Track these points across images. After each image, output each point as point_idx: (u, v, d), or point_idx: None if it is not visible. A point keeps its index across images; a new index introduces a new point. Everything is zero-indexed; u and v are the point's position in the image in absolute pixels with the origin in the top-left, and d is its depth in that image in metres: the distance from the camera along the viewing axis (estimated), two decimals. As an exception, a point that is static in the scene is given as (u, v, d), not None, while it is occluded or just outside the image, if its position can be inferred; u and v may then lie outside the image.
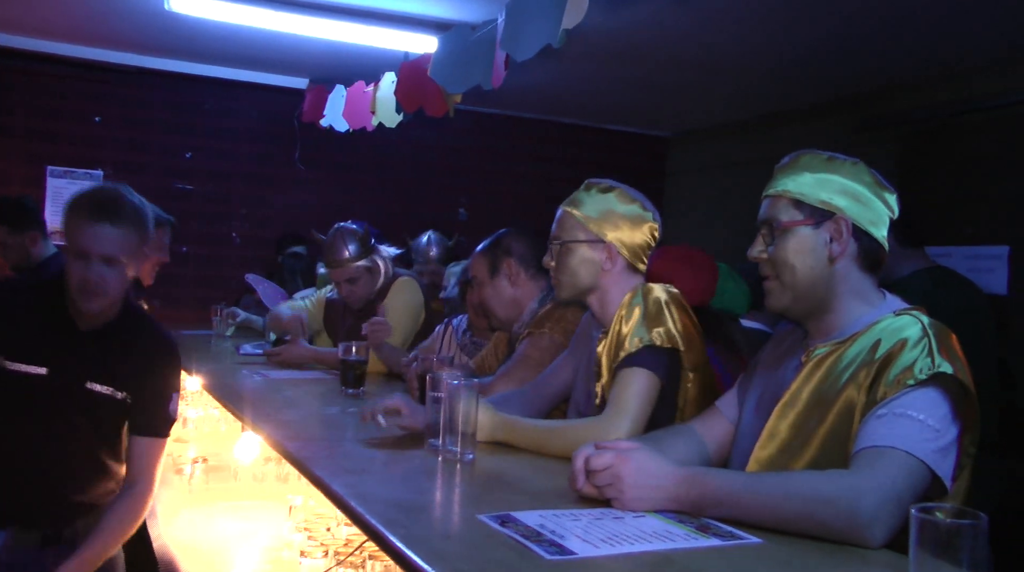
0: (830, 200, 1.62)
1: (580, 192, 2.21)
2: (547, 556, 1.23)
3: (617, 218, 2.14)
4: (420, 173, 6.63)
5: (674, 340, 2.01)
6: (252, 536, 2.74)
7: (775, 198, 1.67)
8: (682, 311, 2.08)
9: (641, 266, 2.17)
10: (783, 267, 1.63)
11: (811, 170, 1.64)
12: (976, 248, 4.81)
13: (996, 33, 4.33)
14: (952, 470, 1.45)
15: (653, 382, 1.98)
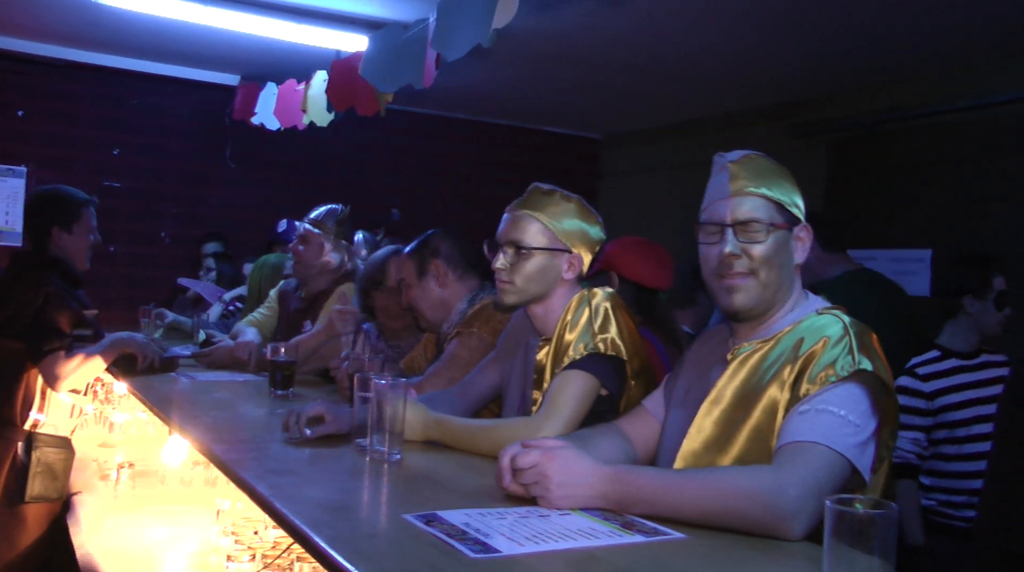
0: (798, 205, 1.66)
1: (537, 196, 2.13)
2: (472, 555, 1.23)
3: (584, 231, 2.12)
4: (354, 173, 6.58)
5: (618, 349, 2.01)
6: (179, 542, 2.69)
7: (751, 197, 1.63)
8: (626, 316, 2.09)
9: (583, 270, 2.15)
10: (765, 266, 1.61)
11: (774, 174, 1.66)
12: (900, 251, 4.95)
13: (923, 46, 4.48)
14: (871, 463, 1.48)
15: (592, 386, 1.98)
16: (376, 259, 3.12)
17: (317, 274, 3.54)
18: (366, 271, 3.12)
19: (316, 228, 3.52)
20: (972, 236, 4.63)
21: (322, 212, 3.58)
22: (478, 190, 6.78)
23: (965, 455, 2.99)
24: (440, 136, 6.90)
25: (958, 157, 4.80)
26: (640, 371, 2.06)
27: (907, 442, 3.01)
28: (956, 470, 3.01)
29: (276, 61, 5.13)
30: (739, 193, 1.63)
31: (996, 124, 4.62)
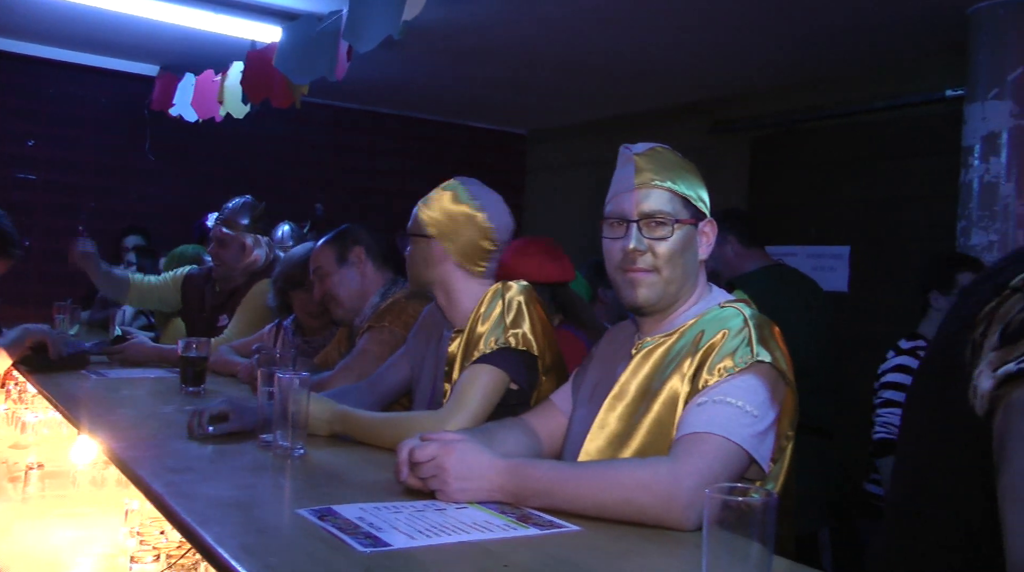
0: (703, 200, 1.67)
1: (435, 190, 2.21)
2: (360, 548, 1.21)
3: (448, 217, 2.12)
4: (277, 167, 6.48)
5: (530, 343, 2.01)
6: (88, 544, 2.61)
7: (656, 190, 1.62)
8: (540, 310, 2.09)
9: (478, 267, 2.13)
10: (669, 262, 1.61)
11: (681, 168, 1.66)
12: (819, 248, 5.06)
13: (841, 48, 4.58)
14: (770, 453, 1.50)
15: (500, 380, 1.97)
16: (295, 257, 3.07)
17: (240, 273, 3.48)
18: (284, 269, 3.08)
19: (231, 229, 3.45)
20: (889, 233, 4.76)
21: (235, 209, 3.50)
22: (403, 185, 6.75)
23: None
24: (365, 131, 6.84)
25: (875, 156, 4.92)
26: (552, 366, 2.06)
27: (898, 418, 3.08)
28: None
29: (195, 51, 5.02)
30: (644, 186, 1.62)
31: (911, 124, 4.75)
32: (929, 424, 1.10)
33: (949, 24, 4.05)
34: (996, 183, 3.88)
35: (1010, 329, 0.97)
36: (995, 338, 0.98)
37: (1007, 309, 0.99)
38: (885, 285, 4.70)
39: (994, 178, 3.89)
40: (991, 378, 0.96)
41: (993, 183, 3.89)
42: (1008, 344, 0.96)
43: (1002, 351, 0.96)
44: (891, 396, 3.14)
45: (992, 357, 0.97)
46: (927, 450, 1.09)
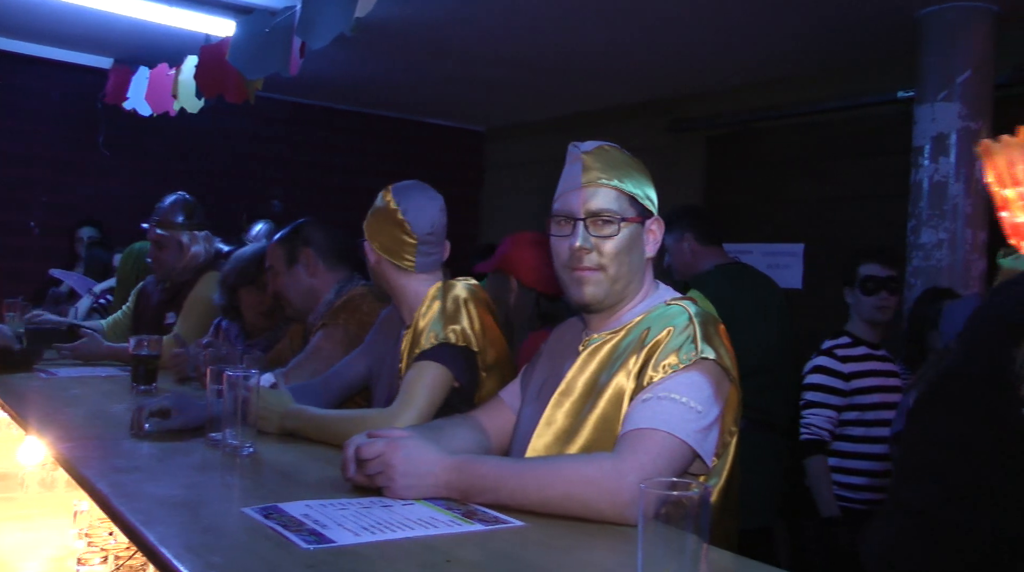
0: (651, 198, 1.67)
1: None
2: (304, 545, 1.21)
3: (373, 217, 2.20)
4: (234, 162, 6.42)
5: (468, 339, 2.02)
6: (36, 547, 2.59)
7: (603, 189, 1.63)
8: (483, 309, 2.10)
9: (405, 262, 2.15)
10: (615, 260, 1.62)
11: (628, 166, 1.67)
12: (775, 245, 5.13)
13: (795, 49, 4.65)
14: (714, 449, 1.52)
15: (445, 376, 1.99)
16: (246, 255, 3.05)
17: (182, 272, 3.45)
18: (234, 267, 3.05)
19: (167, 229, 3.42)
20: (842, 231, 4.83)
21: (168, 209, 3.47)
22: (361, 182, 6.71)
23: (871, 438, 3.11)
24: (323, 126, 6.80)
25: (829, 155, 5.00)
26: (495, 364, 2.08)
27: (821, 420, 3.11)
28: (862, 452, 3.13)
29: (149, 44, 4.96)
30: (591, 184, 1.62)
31: (864, 125, 4.83)
32: (972, 433, 1.07)
33: (900, 27, 4.12)
34: (945, 182, 3.96)
35: None
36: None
37: None
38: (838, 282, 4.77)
39: (943, 178, 3.97)
40: None
41: (942, 182, 3.97)
42: None
43: None
44: (812, 397, 3.16)
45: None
46: (970, 460, 1.07)
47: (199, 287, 3.43)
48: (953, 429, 1.10)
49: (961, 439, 1.08)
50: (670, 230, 3.51)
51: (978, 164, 4.16)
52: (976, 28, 4.00)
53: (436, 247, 2.19)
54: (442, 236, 2.21)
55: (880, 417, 3.11)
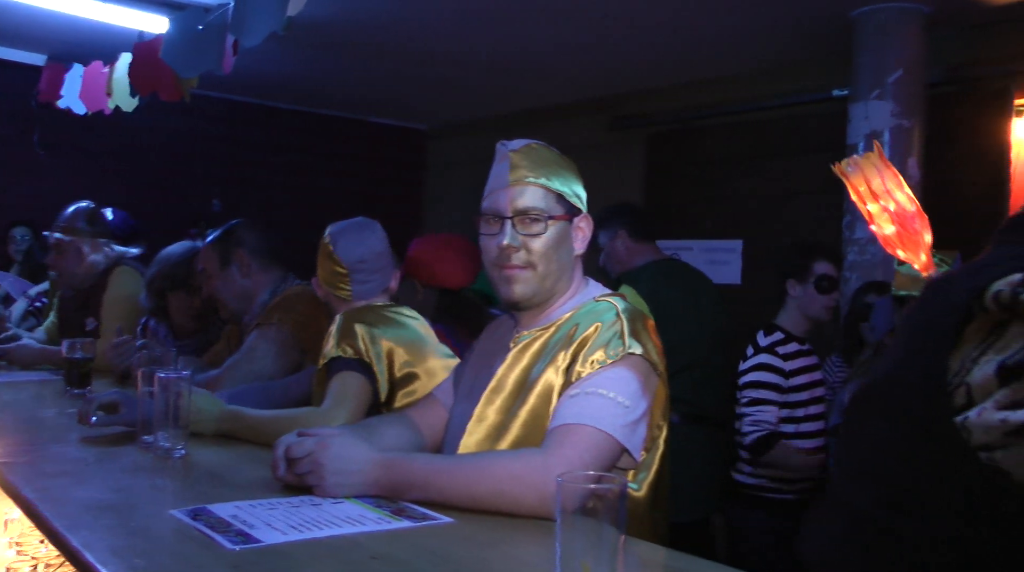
0: (579, 196, 1.69)
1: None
2: (230, 546, 1.21)
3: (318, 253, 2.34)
4: (172, 161, 6.32)
5: (359, 352, 2.12)
6: (-34, 558, 2.52)
7: (531, 187, 1.64)
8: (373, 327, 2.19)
9: (342, 291, 2.32)
10: (543, 258, 1.62)
11: (556, 164, 1.68)
12: (713, 242, 5.19)
13: (734, 48, 4.72)
14: (641, 443, 1.54)
15: (364, 381, 2.08)
16: (174, 256, 3.02)
17: (83, 279, 3.41)
18: (163, 269, 3.02)
19: (68, 235, 3.38)
20: (780, 227, 4.91)
21: (71, 216, 3.44)
22: (302, 180, 6.67)
23: (802, 433, 3.16)
24: (263, 125, 6.72)
25: (766, 153, 5.08)
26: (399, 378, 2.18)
27: (768, 416, 3.13)
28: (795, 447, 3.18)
29: (83, 40, 4.86)
30: (519, 183, 1.63)
31: (800, 122, 4.92)
32: (909, 438, 1.06)
33: (835, 28, 4.21)
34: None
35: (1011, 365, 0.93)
36: (991, 372, 0.95)
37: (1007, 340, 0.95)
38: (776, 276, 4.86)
39: (874, 176, 4.06)
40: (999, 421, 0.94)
41: (876, 179, 4.06)
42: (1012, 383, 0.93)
43: (1009, 390, 0.93)
44: (757, 395, 3.20)
45: (998, 397, 0.94)
46: (906, 466, 1.07)
47: (112, 287, 3.39)
48: (892, 434, 1.10)
49: (899, 445, 1.09)
50: (604, 227, 3.55)
51: (911, 161, 4.28)
52: (908, 29, 4.10)
53: (372, 274, 2.31)
54: (379, 263, 2.32)
55: (810, 413, 3.17)
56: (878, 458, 1.13)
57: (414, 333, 2.28)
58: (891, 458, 1.10)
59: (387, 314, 2.27)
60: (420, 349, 2.25)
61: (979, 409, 0.96)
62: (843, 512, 1.18)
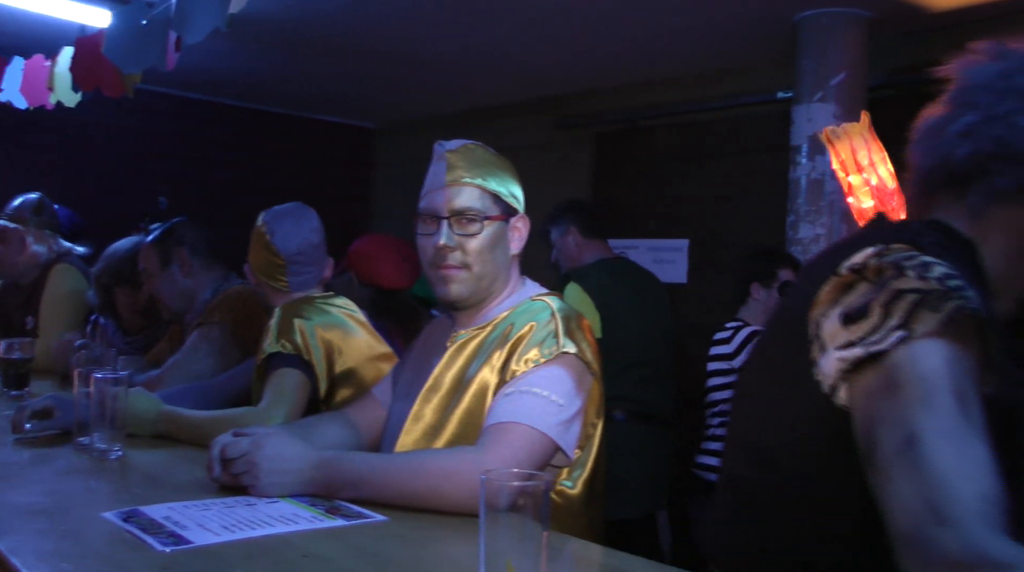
0: (516, 196, 1.71)
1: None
2: (160, 547, 1.21)
3: (251, 241, 2.32)
4: (118, 158, 6.20)
5: (298, 348, 2.10)
6: None
7: (467, 187, 1.65)
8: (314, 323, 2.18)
9: (279, 283, 2.29)
10: (479, 258, 1.64)
11: (493, 165, 1.69)
12: (660, 241, 5.24)
13: (680, 49, 4.76)
14: (575, 441, 1.57)
15: (303, 378, 2.07)
16: (120, 252, 2.98)
17: (24, 270, 3.36)
18: (109, 265, 2.98)
19: (14, 222, 3.33)
20: (725, 226, 4.98)
21: (18, 205, 3.40)
22: (249, 177, 6.60)
23: None
24: (210, 122, 6.63)
25: (712, 153, 5.14)
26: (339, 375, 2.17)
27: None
28: None
29: (24, 33, 4.76)
30: (455, 183, 1.65)
31: (745, 124, 4.99)
32: (780, 402, 1.14)
33: (779, 31, 4.28)
34: (822, 180, 4.13)
35: (851, 312, 1.03)
36: (835, 320, 1.04)
37: (853, 294, 1.05)
38: (721, 276, 4.93)
39: (820, 175, 4.14)
40: (837, 360, 1.03)
41: (819, 180, 4.14)
42: (850, 326, 1.02)
43: (846, 332, 1.02)
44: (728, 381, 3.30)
45: (839, 338, 1.03)
46: (779, 428, 1.13)
47: (51, 285, 3.35)
48: (765, 398, 1.18)
49: (771, 407, 1.16)
50: (556, 223, 3.60)
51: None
52: (850, 33, 4.17)
53: (308, 266, 2.30)
54: (317, 254, 2.32)
55: None
56: (755, 424, 1.19)
57: (352, 328, 2.28)
58: (765, 421, 1.16)
59: (326, 307, 2.26)
60: (358, 344, 2.25)
61: (825, 354, 1.05)
62: (730, 488, 1.24)
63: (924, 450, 0.91)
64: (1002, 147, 1.10)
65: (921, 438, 0.92)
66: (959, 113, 1.14)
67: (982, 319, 1.00)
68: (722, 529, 1.22)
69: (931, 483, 0.89)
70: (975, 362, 1.00)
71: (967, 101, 1.14)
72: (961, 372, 0.97)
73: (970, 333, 0.99)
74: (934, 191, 1.19)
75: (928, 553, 0.87)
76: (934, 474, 0.89)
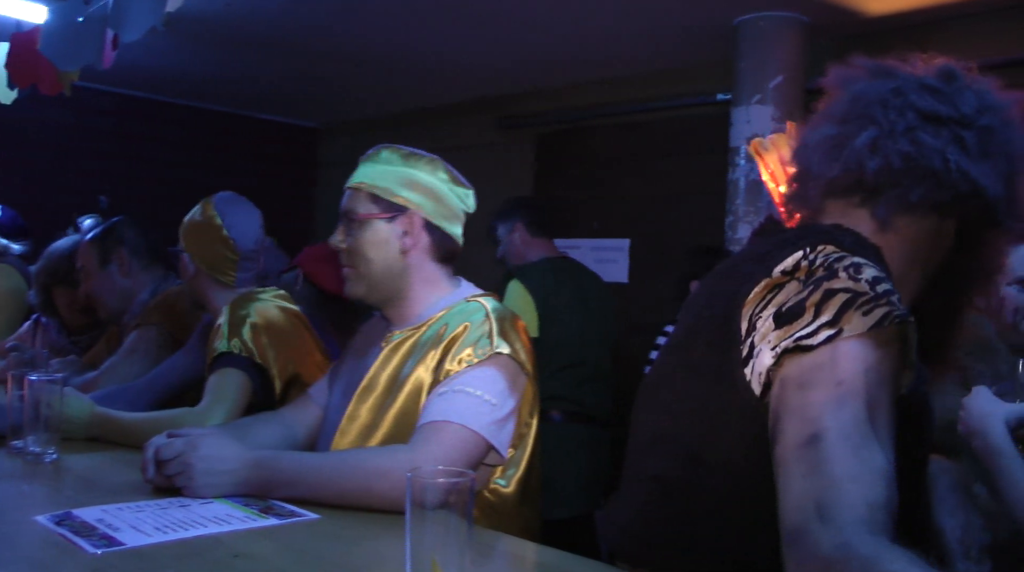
0: (404, 195, 1.72)
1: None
2: (91, 550, 1.21)
3: (195, 230, 2.25)
4: (58, 156, 6.09)
5: (251, 351, 2.08)
6: None
7: (354, 190, 1.74)
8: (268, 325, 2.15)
9: (226, 277, 2.24)
10: (359, 257, 1.71)
11: (390, 164, 1.73)
12: (601, 241, 5.30)
13: (622, 49, 4.82)
14: (508, 441, 1.60)
15: (244, 378, 2.05)
16: (59, 251, 2.94)
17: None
18: (47, 264, 2.94)
19: None
20: (666, 226, 5.04)
21: None
22: (191, 177, 6.51)
23: None
24: (151, 120, 6.53)
25: (653, 154, 5.21)
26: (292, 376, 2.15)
27: None
28: None
29: (-41, 30, 4.65)
30: (351, 185, 1.75)
31: (686, 125, 5.06)
32: (706, 399, 1.16)
33: (719, 33, 4.35)
34: (760, 181, 4.22)
35: (784, 311, 1.06)
36: (769, 320, 1.08)
37: (785, 294, 1.08)
38: (662, 276, 5.00)
39: (758, 177, 4.22)
40: (770, 356, 1.06)
41: (757, 181, 4.21)
42: (783, 325, 1.06)
43: (779, 331, 1.06)
44: None
45: (771, 337, 1.07)
46: (706, 425, 1.16)
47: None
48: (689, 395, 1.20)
49: (696, 406, 1.19)
50: (503, 220, 3.64)
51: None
52: (787, 36, 4.26)
53: (255, 262, 2.29)
54: (260, 250, 2.31)
55: None
56: (679, 421, 1.22)
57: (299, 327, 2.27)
58: (691, 418, 1.19)
59: (277, 305, 2.23)
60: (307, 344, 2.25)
61: (757, 352, 1.08)
62: (642, 485, 1.26)
63: (825, 450, 0.95)
64: (909, 162, 1.15)
65: (824, 438, 0.96)
66: (859, 126, 1.19)
67: (907, 324, 1.04)
68: (638, 526, 1.25)
69: (824, 483, 0.93)
70: (895, 367, 1.04)
71: (864, 115, 1.19)
72: (878, 380, 1.01)
73: (894, 338, 1.03)
74: (830, 197, 1.24)
75: (805, 548, 0.90)
76: (829, 475, 0.93)
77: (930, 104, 1.17)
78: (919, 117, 1.16)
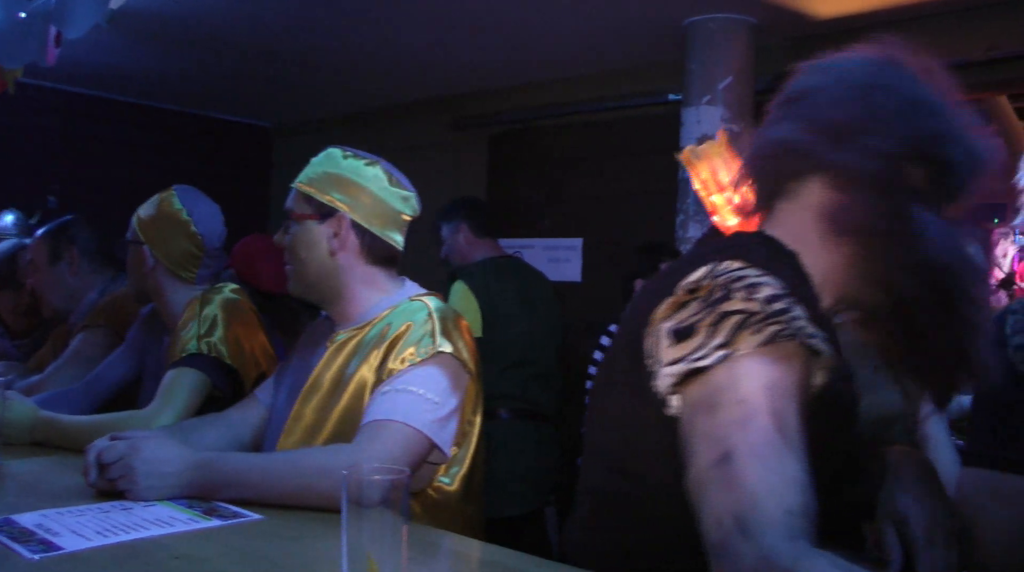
0: (334, 197, 1.72)
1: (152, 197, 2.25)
2: (29, 556, 1.21)
3: (157, 223, 2.18)
4: (4, 155, 5.98)
5: (220, 352, 2.06)
6: None
7: (296, 189, 1.77)
8: (241, 325, 2.14)
9: (188, 273, 2.19)
10: (293, 256, 1.75)
11: (328, 166, 1.74)
12: (554, 240, 5.33)
13: (573, 50, 4.86)
14: (451, 439, 1.62)
15: (200, 381, 2.02)
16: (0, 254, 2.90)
17: None
18: None
19: None
20: (618, 226, 5.09)
21: None
22: (143, 177, 6.41)
23: None
24: (101, 119, 6.44)
25: (605, 154, 5.25)
26: (257, 376, 2.12)
27: None
28: None
29: (-101, 27, 4.55)
30: (293, 184, 1.78)
31: (637, 125, 5.11)
32: (625, 411, 1.19)
33: (669, 34, 4.41)
34: (695, 189, 4.27)
35: (679, 330, 1.09)
36: (666, 337, 1.10)
37: (685, 313, 1.10)
38: (615, 274, 5.04)
39: (692, 185, 4.28)
40: (667, 375, 1.09)
41: (706, 182, 4.28)
42: (678, 343, 1.08)
43: (675, 349, 1.08)
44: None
45: (667, 355, 1.09)
46: (626, 436, 1.19)
47: None
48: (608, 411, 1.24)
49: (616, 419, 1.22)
50: (446, 220, 3.65)
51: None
52: (736, 38, 4.32)
53: (218, 260, 2.26)
54: (223, 248, 2.29)
55: None
56: (605, 432, 1.25)
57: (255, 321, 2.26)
58: (614, 429, 1.22)
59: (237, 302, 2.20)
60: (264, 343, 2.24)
61: (658, 368, 1.11)
62: (584, 498, 1.29)
63: (737, 467, 0.98)
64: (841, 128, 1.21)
65: (735, 455, 0.99)
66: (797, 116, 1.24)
67: (802, 339, 1.07)
68: (580, 534, 1.28)
69: (740, 497, 0.95)
70: (799, 377, 1.07)
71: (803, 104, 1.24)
72: (779, 393, 1.03)
73: (791, 351, 1.06)
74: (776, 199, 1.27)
75: (729, 564, 0.93)
76: (744, 490, 0.96)
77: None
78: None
